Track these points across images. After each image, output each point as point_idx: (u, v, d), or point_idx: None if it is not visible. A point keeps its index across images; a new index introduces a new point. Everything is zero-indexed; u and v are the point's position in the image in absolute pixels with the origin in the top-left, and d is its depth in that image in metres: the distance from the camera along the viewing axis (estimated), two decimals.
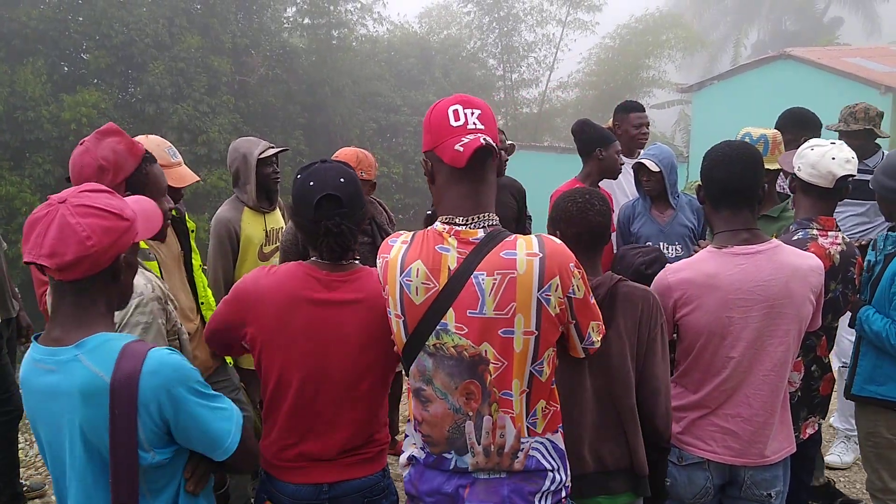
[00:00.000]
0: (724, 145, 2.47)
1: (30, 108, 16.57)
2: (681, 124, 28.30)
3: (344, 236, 2.12)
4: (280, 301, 2.12)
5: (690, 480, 2.48)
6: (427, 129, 1.93)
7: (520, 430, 1.90)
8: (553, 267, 1.83)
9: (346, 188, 2.16)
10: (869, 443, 3.24)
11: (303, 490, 2.18)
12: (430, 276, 1.85)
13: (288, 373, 2.13)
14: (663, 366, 2.35)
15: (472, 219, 1.89)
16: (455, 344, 1.85)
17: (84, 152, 2.21)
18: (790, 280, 2.36)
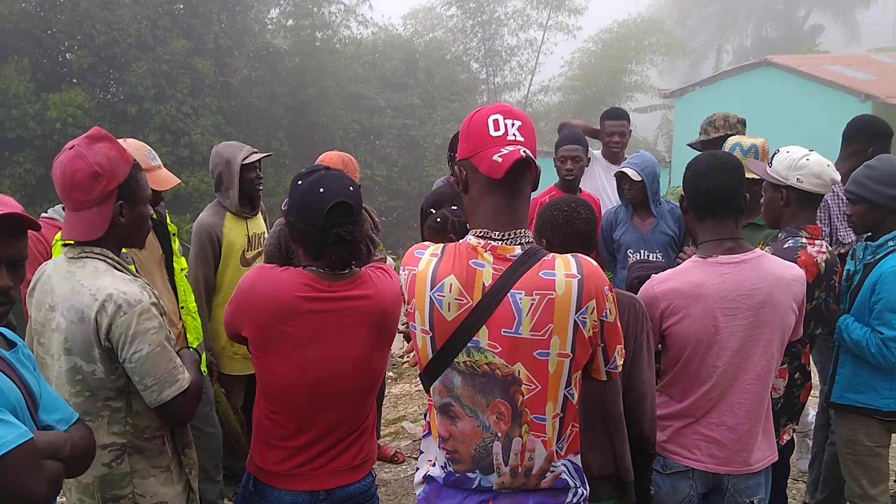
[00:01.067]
0: (707, 156, 2.50)
1: (13, 107, 16.43)
2: (663, 129, 28.51)
3: (355, 244, 2.13)
4: (276, 309, 2.11)
5: (674, 489, 2.50)
6: (464, 136, 1.88)
7: (551, 453, 1.85)
8: (591, 289, 1.79)
9: (356, 196, 2.18)
10: (848, 450, 3.26)
11: (300, 498, 2.18)
12: (463, 291, 1.80)
13: (292, 380, 2.13)
14: (649, 372, 2.37)
15: (508, 234, 1.83)
16: (488, 361, 1.80)
17: (76, 157, 2.15)
18: (774, 289, 2.38)
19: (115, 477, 2.22)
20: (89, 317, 2.10)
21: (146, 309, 2.14)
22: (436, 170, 23.13)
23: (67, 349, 2.14)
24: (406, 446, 5.55)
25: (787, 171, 2.89)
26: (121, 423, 2.20)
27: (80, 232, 2.20)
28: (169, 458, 2.29)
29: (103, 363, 2.15)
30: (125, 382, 2.19)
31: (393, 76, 26.77)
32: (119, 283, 2.15)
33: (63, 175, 2.16)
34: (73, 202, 2.18)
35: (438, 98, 26.09)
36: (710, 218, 2.46)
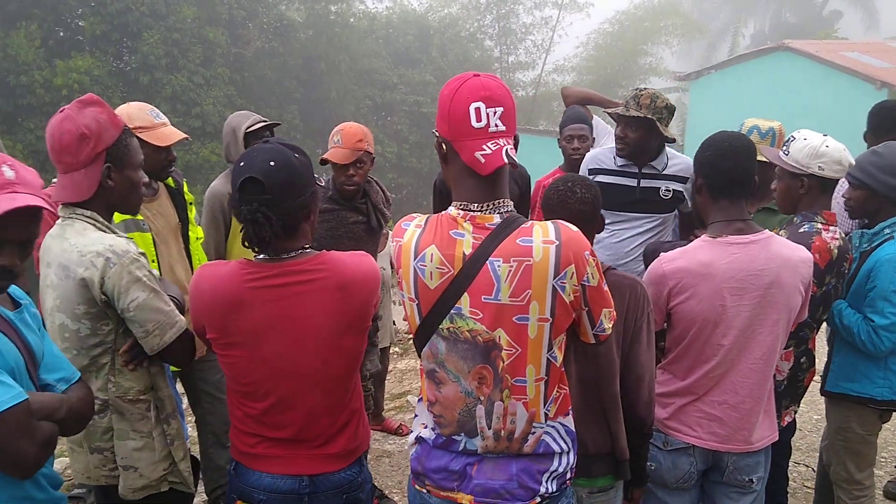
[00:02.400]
0: (726, 136, 2.48)
1: (22, 73, 16.43)
2: (677, 112, 28.34)
3: (260, 225, 1.95)
4: (223, 305, 2.03)
5: (675, 465, 2.53)
6: (444, 115, 1.86)
7: (533, 414, 1.89)
8: (569, 254, 1.81)
9: (276, 174, 1.97)
10: (839, 437, 3.31)
11: (280, 482, 2.10)
12: (444, 261, 1.83)
13: (257, 371, 2.06)
14: (648, 354, 2.38)
15: (487, 205, 1.86)
16: (469, 328, 1.84)
17: (64, 119, 2.18)
18: (781, 270, 2.39)
19: (98, 429, 2.28)
20: (76, 273, 2.13)
21: (134, 258, 2.18)
22: None
23: (57, 306, 2.20)
24: (410, 419, 5.59)
25: (809, 160, 2.87)
26: (103, 379, 2.26)
27: (69, 193, 2.23)
28: (151, 425, 2.32)
29: (88, 320, 2.19)
30: (112, 339, 2.24)
31: (406, 52, 26.65)
32: (105, 239, 2.18)
33: (52, 137, 2.20)
34: (62, 164, 2.22)
35: (451, 75, 25.66)
36: (726, 198, 2.46)
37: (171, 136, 3.28)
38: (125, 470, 2.30)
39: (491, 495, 1.90)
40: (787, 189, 2.98)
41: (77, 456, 2.34)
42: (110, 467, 2.31)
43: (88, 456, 2.31)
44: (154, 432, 2.32)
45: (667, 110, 3.69)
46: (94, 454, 2.30)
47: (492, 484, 1.91)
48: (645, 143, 3.70)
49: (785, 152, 2.96)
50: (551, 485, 1.93)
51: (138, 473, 2.30)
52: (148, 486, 2.32)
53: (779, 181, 3.02)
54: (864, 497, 3.31)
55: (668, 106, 3.70)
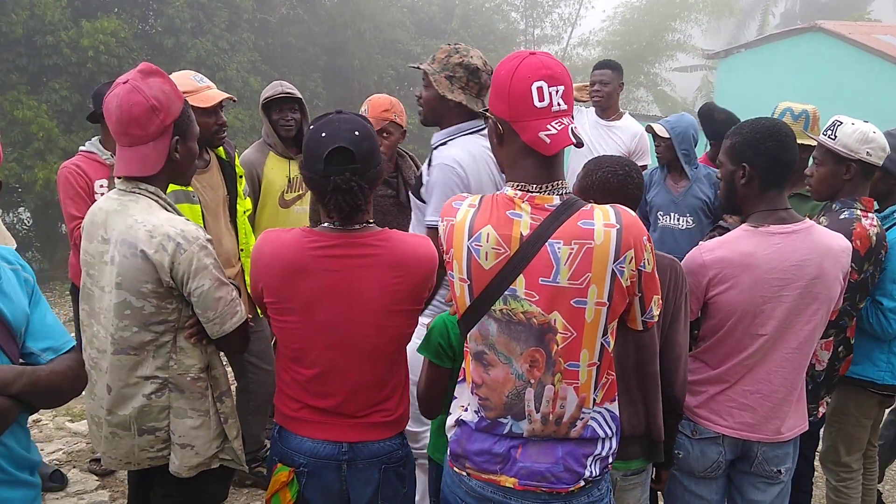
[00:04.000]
0: (775, 125, 2.42)
1: (49, 33, 16.40)
2: (703, 91, 27.95)
3: (354, 194, 2.02)
4: (283, 270, 2.07)
5: (703, 454, 2.52)
6: (502, 95, 1.83)
7: (583, 399, 1.88)
8: (629, 239, 1.80)
9: (361, 143, 2.05)
10: (835, 418, 3.34)
11: (321, 447, 2.14)
12: (500, 241, 1.81)
13: (309, 338, 2.11)
14: (685, 334, 2.38)
15: (546, 185, 1.84)
16: (524, 310, 1.82)
17: (133, 91, 2.14)
18: (824, 260, 2.36)
19: (154, 409, 2.27)
20: (146, 253, 2.12)
21: (203, 245, 2.18)
22: None
23: (118, 283, 2.18)
24: None
25: (858, 145, 2.85)
26: (164, 357, 2.25)
27: (137, 167, 2.20)
28: (209, 404, 2.33)
29: (155, 299, 2.18)
30: (175, 318, 2.24)
31: (431, 22, 26.40)
32: (175, 222, 2.18)
33: (120, 109, 2.14)
34: (129, 137, 2.18)
35: (475, 47, 25.70)
36: (776, 188, 2.42)
37: (214, 97, 3.31)
38: (182, 448, 2.30)
39: (536, 478, 1.89)
40: (829, 174, 2.95)
41: (118, 441, 2.30)
42: (159, 447, 2.31)
43: (136, 439, 2.29)
44: (210, 410, 2.34)
45: (464, 69, 3.00)
46: (145, 435, 2.29)
47: (537, 467, 1.90)
48: (432, 103, 3.10)
49: (831, 136, 2.92)
50: (595, 468, 1.93)
51: (195, 451, 2.31)
52: (202, 463, 2.34)
53: (819, 166, 2.98)
54: (851, 480, 3.36)
55: (467, 65, 3.00)
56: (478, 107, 2.99)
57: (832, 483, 3.38)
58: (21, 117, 15.38)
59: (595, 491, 1.97)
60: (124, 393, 2.25)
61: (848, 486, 3.34)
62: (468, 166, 2.93)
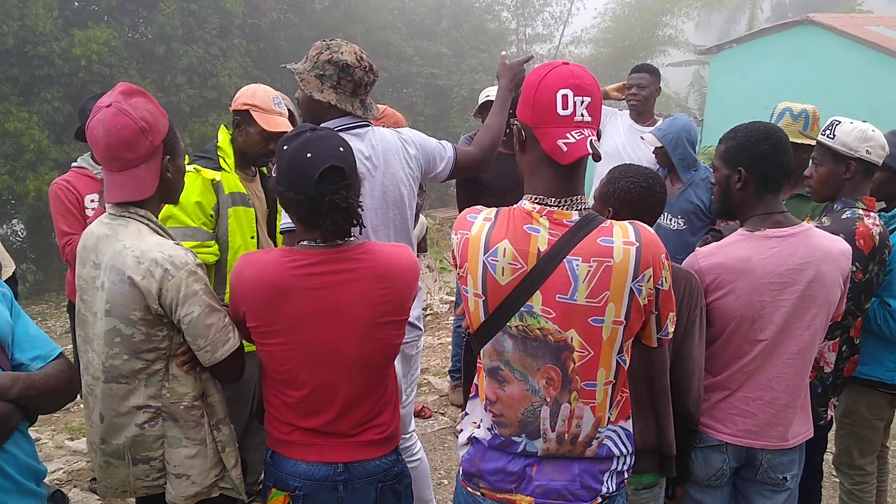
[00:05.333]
0: (769, 128, 2.40)
1: (40, 44, 16.36)
2: (695, 86, 27.97)
3: (351, 211, 2.01)
4: (267, 293, 2.02)
5: (707, 462, 2.49)
6: (528, 100, 1.81)
7: (599, 419, 1.86)
8: (648, 257, 1.78)
9: (347, 157, 2.03)
10: (846, 420, 3.30)
11: (316, 469, 2.10)
12: (517, 256, 1.78)
13: (297, 359, 2.06)
14: (699, 349, 2.35)
15: (565, 200, 1.81)
16: (541, 327, 1.80)
17: (119, 113, 2.07)
18: (822, 264, 2.34)
19: (147, 439, 2.22)
20: (133, 280, 2.07)
21: (192, 271, 2.11)
22: (462, 121, 22.92)
23: (108, 310, 2.12)
24: (433, 401, 5.59)
25: (858, 143, 2.83)
26: (157, 386, 2.19)
27: (133, 192, 2.14)
28: (205, 432, 2.27)
29: (143, 326, 2.13)
30: (167, 346, 2.18)
31: (421, 23, 26.41)
32: (164, 247, 2.12)
33: (108, 134, 2.08)
34: (119, 162, 2.11)
35: (467, 48, 25.70)
36: (773, 192, 2.40)
37: (280, 125, 3.24)
38: (177, 478, 2.24)
39: (553, 496, 1.87)
40: (829, 174, 2.93)
41: (114, 470, 2.26)
42: (154, 476, 2.26)
43: (130, 468, 2.24)
44: (207, 439, 2.27)
45: (334, 66, 2.75)
46: (140, 465, 2.24)
47: (554, 485, 1.87)
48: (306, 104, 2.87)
49: (829, 136, 2.90)
50: (611, 483, 1.91)
51: (191, 481, 2.25)
52: (200, 493, 2.27)
53: (819, 166, 2.96)
54: (865, 483, 3.32)
55: (337, 62, 2.74)
56: (352, 107, 2.77)
57: (846, 486, 3.35)
58: (12, 129, 15.33)
59: None
60: (116, 422, 2.20)
61: (863, 489, 3.31)
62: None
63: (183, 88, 18.47)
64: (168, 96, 18.29)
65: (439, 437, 4.95)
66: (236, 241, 3.28)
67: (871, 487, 3.34)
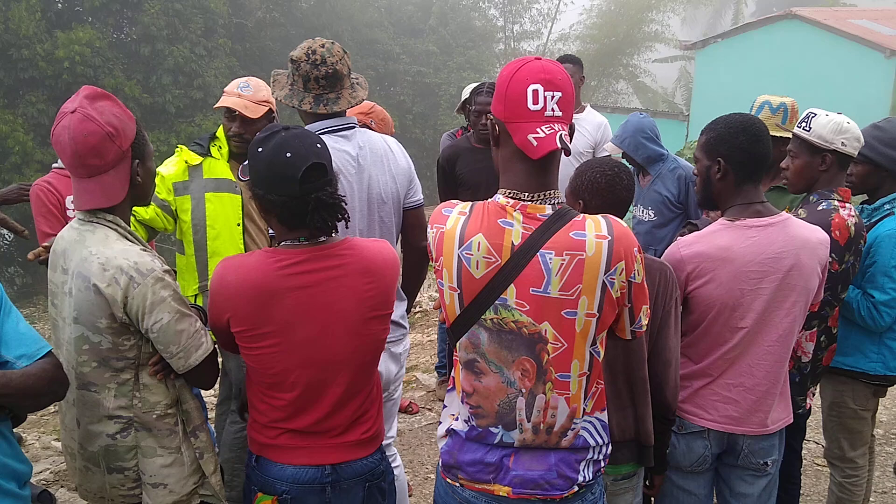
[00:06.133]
0: (749, 118, 2.43)
1: (24, 46, 16.30)
2: (681, 81, 28.10)
3: (337, 206, 2.00)
4: (254, 296, 1.98)
5: (689, 448, 2.51)
6: (501, 96, 1.82)
7: (574, 410, 1.87)
8: (620, 250, 1.78)
9: (325, 153, 2.01)
10: (833, 412, 3.31)
11: (303, 472, 2.08)
12: (491, 250, 1.79)
13: (287, 360, 2.03)
14: (675, 339, 2.37)
15: (538, 195, 1.82)
16: (515, 319, 1.81)
17: (84, 119, 2.00)
18: (800, 252, 2.36)
19: (120, 449, 2.17)
20: (98, 287, 2.02)
21: (159, 277, 2.06)
22: (450, 118, 22.96)
23: (75, 317, 2.08)
24: (420, 397, 5.60)
25: (833, 136, 2.85)
26: (127, 396, 2.14)
27: (102, 198, 2.08)
28: (180, 440, 2.22)
29: (110, 335, 2.08)
30: (135, 355, 2.13)
31: (409, 21, 26.43)
32: (129, 253, 2.07)
33: (75, 141, 2.01)
34: (86, 168, 2.05)
35: (455, 45, 25.75)
36: (752, 182, 2.42)
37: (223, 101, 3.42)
38: (154, 488, 2.19)
39: (530, 486, 1.88)
40: (805, 166, 2.94)
41: (91, 476, 2.22)
42: (130, 486, 2.21)
43: (106, 476, 2.19)
44: (182, 447, 2.22)
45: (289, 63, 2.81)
46: (114, 474, 2.19)
47: (531, 475, 1.88)
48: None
49: (805, 128, 2.92)
50: (588, 472, 1.92)
51: (168, 490, 2.20)
52: (178, 501, 2.23)
53: (795, 158, 2.97)
54: (857, 476, 3.33)
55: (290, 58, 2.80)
56: (301, 102, 2.73)
57: (837, 479, 3.37)
58: None
59: (588, 495, 1.95)
60: (91, 430, 2.16)
61: (854, 482, 3.32)
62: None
63: (169, 89, 18.43)
64: (154, 97, 18.25)
65: (426, 432, 4.96)
66: (216, 226, 3.33)
67: (863, 481, 3.34)
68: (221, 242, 3.35)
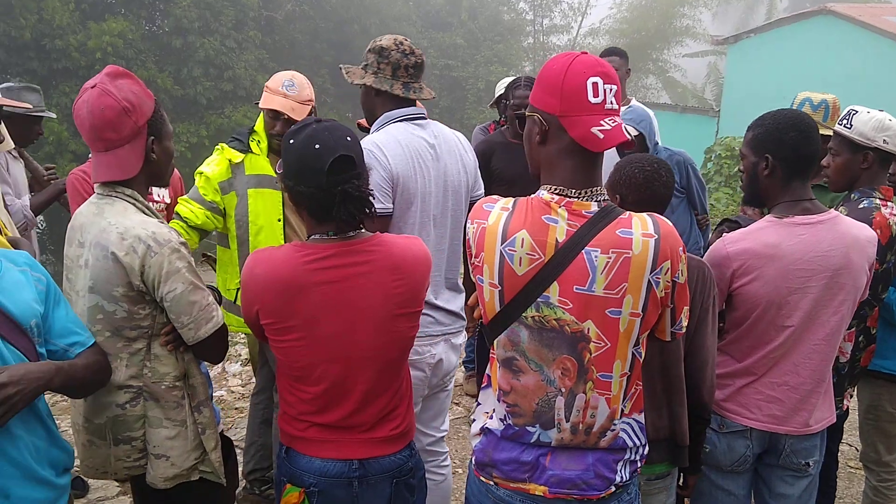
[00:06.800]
0: (797, 116, 2.39)
1: (57, 37, 16.48)
2: (711, 77, 27.80)
3: (364, 200, 2.00)
4: (281, 289, 2.00)
5: (730, 448, 2.49)
6: (553, 90, 1.78)
7: (614, 411, 1.85)
8: (666, 249, 1.77)
9: (355, 147, 2.02)
10: (870, 416, 3.27)
11: (331, 466, 2.09)
12: (535, 246, 1.76)
13: (313, 354, 2.05)
14: (712, 338, 2.35)
15: (585, 191, 1.80)
16: (557, 317, 1.78)
17: (103, 94, 2.08)
18: (850, 250, 2.33)
19: (129, 419, 2.22)
20: (116, 256, 2.08)
21: (175, 248, 2.12)
22: (477, 112, 22.89)
23: (91, 287, 2.14)
24: None
25: (875, 133, 2.82)
26: (138, 365, 2.20)
27: (118, 171, 2.15)
28: (185, 414, 2.27)
29: (126, 303, 2.14)
30: (149, 324, 2.19)
31: (437, 15, 26.36)
32: (147, 224, 2.13)
33: (92, 114, 2.09)
34: (103, 142, 2.12)
35: (483, 39, 25.63)
36: (800, 178, 2.39)
37: (269, 101, 3.39)
38: (157, 458, 2.25)
39: (567, 486, 1.86)
40: (846, 164, 2.91)
41: (95, 450, 2.27)
42: (135, 457, 2.26)
43: (111, 448, 2.25)
44: (187, 420, 2.27)
45: (373, 53, 2.87)
46: (121, 445, 2.24)
47: (567, 474, 1.86)
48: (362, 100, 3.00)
49: (846, 126, 2.89)
50: (625, 472, 1.91)
51: (170, 462, 2.26)
52: (179, 475, 2.28)
53: (836, 156, 2.95)
54: (892, 481, 3.29)
55: (374, 48, 2.88)
56: (393, 88, 2.83)
57: (872, 483, 3.33)
58: None
59: (625, 495, 1.94)
60: (100, 401, 2.20)
61: (889, 487, 3.28)
62: (391, 151, 2.74)
63: (199, 81, 18.55)
64: (184, 88, 18.38)
65: (454, 426, 4.96)
66: (258, 222, 3.37)
67: None
68: (264, 237, 3.38)
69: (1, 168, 4.05)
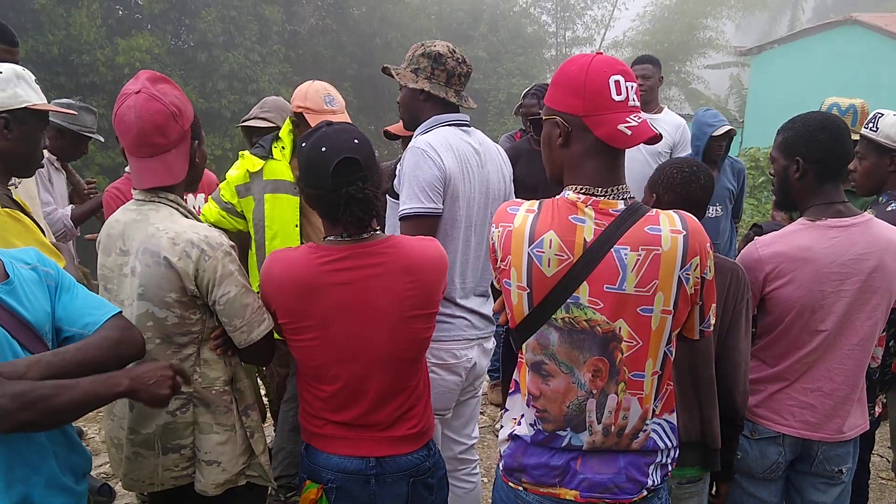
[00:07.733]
0: (827, 118, 2.37)
1: (85, 52, 16.75)
2: (734, 88, 27.65)
3: (369, 202, 2.01)
4: (295, 290, 2.04)
5: (762, 454, 2.46)
6: (575, 91, 1.77)
7: (646, 411, 1.83)
8: (695, 245, 1.75)
9: (362, 149, 2.03)
10: None
11: (348, 462, 2.11)
12: (563, 247, 1.74)
13: (327, 354, 2.07)
14: (746, 342, 2.32)
15: (611, 189, 1.79)
16: (588, 318, 1.76)
17: (150, 99, 2.06)
18: (884, 254, 2.30)
19: (179, 426, 2.19)
20: (170, 261, 2.06)
21: (228, 251, 2.11)
22: (499, 124, 22.91)
23: (140, 294, 2.10)
24: None
25: None
26: (188, 370, 2.15)
27: (165, 176, 2.13)
28: (234, 418, 2.25)
29: (179, 308, 2.11)
30: (199, 329, 2.16)
31: (458, 28, 26.49)
32: (198, 228, 2.11)
33: (140, 119, 2.06)
34: (150, 147, 2.09)
35: (504, 52, 25.72)
36: (832, 181, 2.36)
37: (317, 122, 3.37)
38: (208, 465, 2.22)
39: (598, 489, 1.83)
40: (873, 167, 2.90)
41: (141, 461, 2.22)
42: (184, 466, 2.23)
43: (160, 458, 2.20)
44: (236, 425, 2.25)
45: (427, 58, 2.86)
46: (170, 454, 2.21)
47: (599, 478, 1.84)
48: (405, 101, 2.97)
49: (872, 129, 2.86)
50: (656, 476, 1.88)
51: (221, 468, 2.23)
52: (229, 480, 2.25)
53: (863, 160, 2.93)
54: None
55: (429, 53, 2.86)
56: (448, 95, 2.85)
57: None
58: None
59: (655, 499, 1.91)
60: (148, 410, 2.13)
61: None
62: (443, 152, 2.73)
63: (224, 94, 18.77)
64: (209, 102, 18.59)
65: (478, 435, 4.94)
66: (273, 227, 3.39)
67: None
68: (279, 242, 3.40)
69: (43, 178, 4.12)
